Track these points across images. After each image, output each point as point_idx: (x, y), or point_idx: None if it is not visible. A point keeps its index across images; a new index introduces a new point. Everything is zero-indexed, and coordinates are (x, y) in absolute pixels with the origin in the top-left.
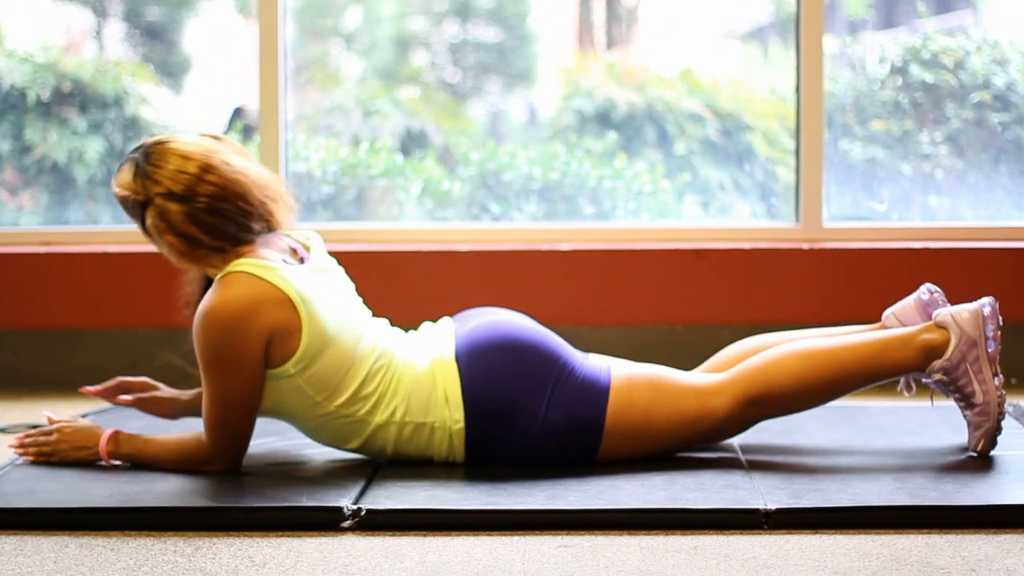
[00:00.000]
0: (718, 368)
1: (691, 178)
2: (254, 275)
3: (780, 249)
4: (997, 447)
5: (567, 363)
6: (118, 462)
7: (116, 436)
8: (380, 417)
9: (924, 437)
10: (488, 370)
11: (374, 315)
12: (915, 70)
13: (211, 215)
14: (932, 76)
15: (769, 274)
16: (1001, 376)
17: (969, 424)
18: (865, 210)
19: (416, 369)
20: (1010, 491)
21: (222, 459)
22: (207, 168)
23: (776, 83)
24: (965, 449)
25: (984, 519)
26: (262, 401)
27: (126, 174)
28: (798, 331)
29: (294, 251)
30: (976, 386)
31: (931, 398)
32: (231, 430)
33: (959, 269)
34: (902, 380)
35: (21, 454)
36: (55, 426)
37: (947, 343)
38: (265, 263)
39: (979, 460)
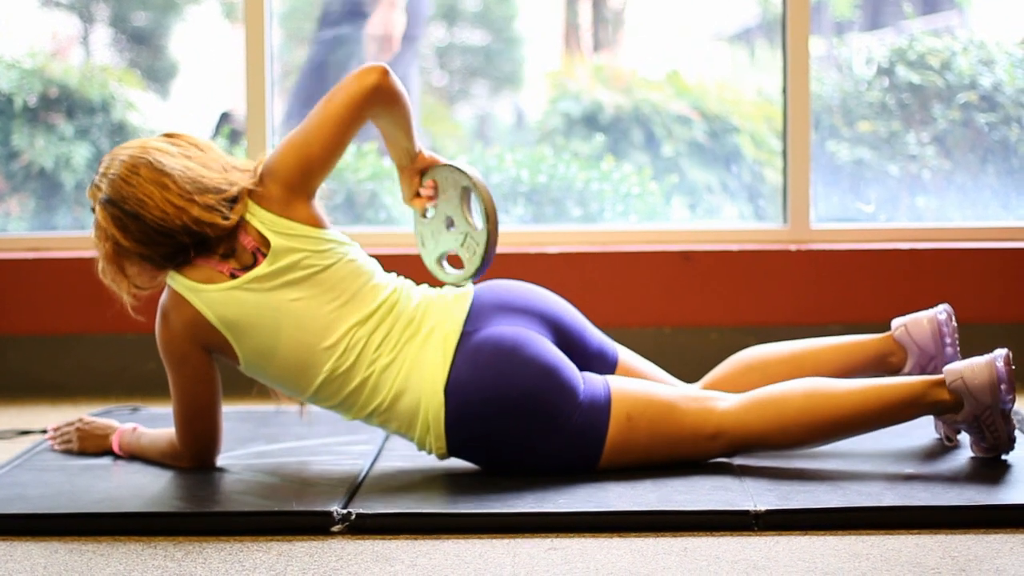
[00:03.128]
0: (719, 384)
1: (678, 180)
2: (176, 292)
3: (768, 251)
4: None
5: (563, 408)
6: (124, 456)
7: (123, 432)
8: (357, 416)
9: (913, 438)
10: (476, 415)
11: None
12: (902, 71)
13: (134, 221)
14: (919, 77)
15: (757, 276)
16: (1015, 426)
17: (972, 444)
18: (853, 211)
19: (391, 391)
20: (1000, 491)
21: (191, 455)
22: (133, 170)
23: (763, 85)
24: (943, 440)
25: (974, 519)
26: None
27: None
28: (798, 342)
29: (251, 254)
30: (988, 434)
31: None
32: (191, 424)
33: (947, 270)
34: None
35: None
36: (75, 419)
37: (959, 404)
38: (190, 284)
39: (968, 461)
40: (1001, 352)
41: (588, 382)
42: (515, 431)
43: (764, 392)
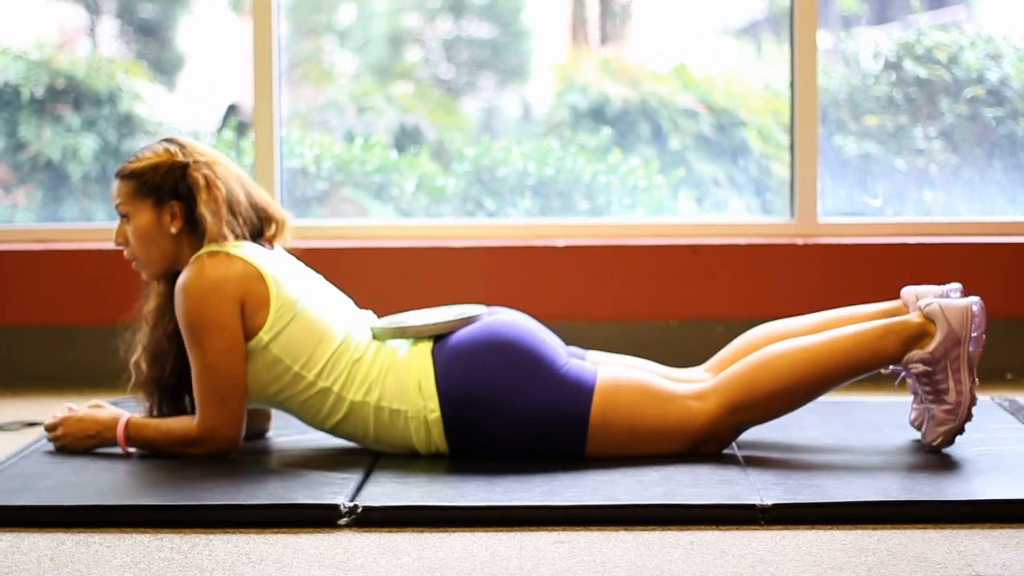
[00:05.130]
0: (722, 365)
1: (685, 173)
2: (223, 252)
3: (775, 244)
4: (993, 443)
5: (547, 359)
6: (132, 449)
7: (128, 423)
8: (355, 395)
9: (919, 432)
10: (463, 361)
11: (359, 307)
12: (909, 65)
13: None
14: (926, 71)
15: (764, 269)
16: (977, 380)
17: (933, 418)
18: (859, 205)
19: (391, 354)
20: (1006, 486)
21: (218, 438)
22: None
23: (770, 78)
24: (919, 441)
25: (980, 514)
26: (256, 394)
27: (148, 151)
28: (801, 318)
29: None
30: (952, 384)
31: (895, 383)
32: (221, 403)
33: (953, 264)
34: (897, 380)
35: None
36: (61, 418)
37: (931, 335)
38: (234, 244)
39: (975, 455)
40: (976, 298)
41: (571, 353)
42: (503, 372)
43: (749, 356)
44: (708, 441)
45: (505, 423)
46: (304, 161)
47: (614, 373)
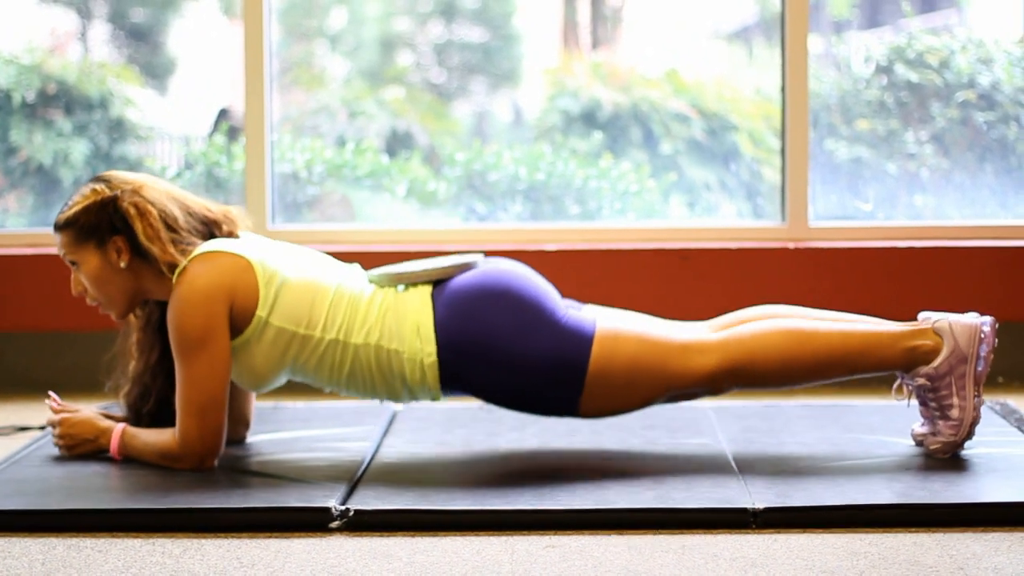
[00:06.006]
0: (724, 328)
1: (677, 178)
2: (200, 254)
3: (766, 249)
4: (986, 445)
5: (546, 308)
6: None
7: (118, 437)
8: (357, 338)
9: (915, 443)
10: (461, 307)
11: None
12: (900, 69)
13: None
14: (917, 75)
15: (755, 274)
16: (983, 398)
17: (937, 432)
18: (851, 209)
19: (390, 296)
20: (998, 489)
21: (194, 454)
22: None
23: (761, 83)
24: (919, 446)
25: (972, 517)
26: (269, 371)
27: (77, 196)
28: (808, 309)
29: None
30: (956, 400)
31: (907, 400)
32: (201, 414)
33: (945, 268)
34: (895, 384)
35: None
36: (60, 417)
37: (937, 350)
38: (204, 244)
39: (967, 459)
40: (988, 318)
41: (568, 305)
42: (502, 317)
43: (762, 322)
44: (700, 393)
45: (501, 370)
46: (295, 166)
47: (613, 323)
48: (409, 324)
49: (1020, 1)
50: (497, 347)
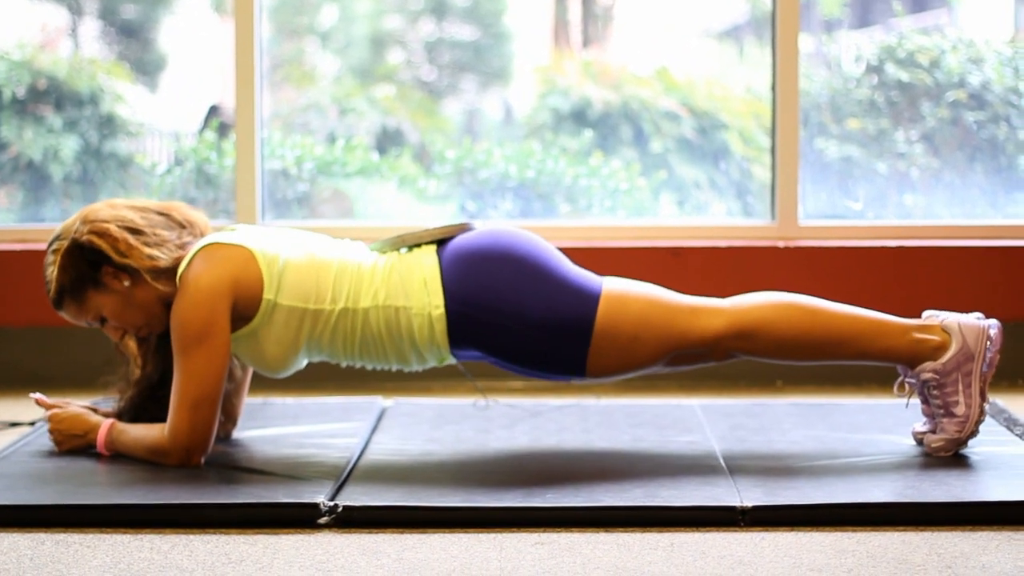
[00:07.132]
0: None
1: (667, 176)
2: (199, 250)
3: (756, 247)
4: (974, 445)
5: (555, 263)
6: (108, 454)
7: (106, 432)
8: (365, 302)
9: (900, 434)
10: (469, 262)
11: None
12: (890, 69)
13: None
14: (907, 75)
15: (745, 272)
16: (989, 400)
17: (941, 429)
18: (841, 208)
19: (395, 258)
20: (986, 488)
21: (182, 450)
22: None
23: (752, 82)
24: (919, 444)
25: (960, 516)
26: (286, 354)
27: (47, 270)
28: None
29: None
30: (961, 398)
31: (907, 399)
32: (194, 408)
33: (934, 267)
34: (897, 382)
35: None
36: (48, 413)
37: (945, 347)
38: (206, 241)
39: (955, 457)
40: (994, 321)
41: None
42: (510, 272)
43: (774, 295)
44: (703, 355)
45: (509, 324)
46: (285, 163)
47: (622, 283)
48: (416, 279)
49: (1010, 1)
50: (504, 299)
